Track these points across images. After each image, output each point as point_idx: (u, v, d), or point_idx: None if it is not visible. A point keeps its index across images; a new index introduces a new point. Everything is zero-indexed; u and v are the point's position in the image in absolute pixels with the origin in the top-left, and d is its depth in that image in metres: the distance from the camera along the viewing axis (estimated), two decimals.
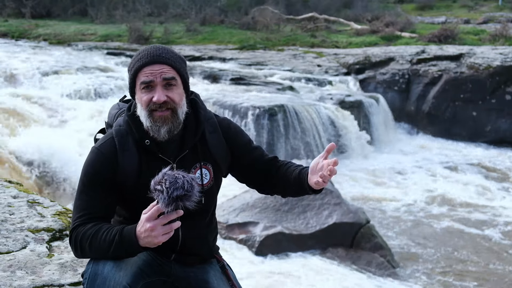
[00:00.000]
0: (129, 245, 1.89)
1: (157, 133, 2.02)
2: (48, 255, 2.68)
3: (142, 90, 2.03)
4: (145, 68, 2.03)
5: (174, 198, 1.79)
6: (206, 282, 2.12)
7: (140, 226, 1.86)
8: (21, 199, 3.39)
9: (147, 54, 2.05)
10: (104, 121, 2.34)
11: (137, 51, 2.13)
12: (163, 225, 1.82)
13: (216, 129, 2.17)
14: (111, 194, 2.03)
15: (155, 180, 1.83)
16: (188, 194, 1.81)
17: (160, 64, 2.03)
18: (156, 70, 2.02)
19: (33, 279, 2.43)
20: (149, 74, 2.01)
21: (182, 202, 1.81)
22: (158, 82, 2.01)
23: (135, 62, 2.06)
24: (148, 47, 2.09)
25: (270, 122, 10.80)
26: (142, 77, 2.03)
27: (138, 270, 2.00)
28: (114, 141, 2.06)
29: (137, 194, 2.02)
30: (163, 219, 1.82)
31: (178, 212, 1.82)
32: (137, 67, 2.04)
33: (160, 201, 1.80)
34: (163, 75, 2.01)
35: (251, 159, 2.22)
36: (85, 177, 2.04)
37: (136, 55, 2.09)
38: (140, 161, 2.05)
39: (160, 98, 1.99)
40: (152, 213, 1.82)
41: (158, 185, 1.81)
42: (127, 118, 2.09)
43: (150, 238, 1.83)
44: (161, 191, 1.80)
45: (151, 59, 2.03)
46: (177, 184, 1.80)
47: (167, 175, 1.81)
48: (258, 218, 7.02)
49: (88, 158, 2.07)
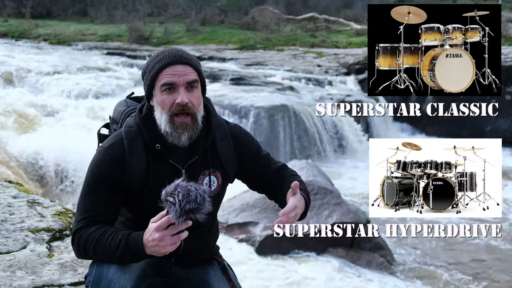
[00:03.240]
0: (135, 252, 1.88)
1: (178, 140, 1.97)
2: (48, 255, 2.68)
3: (163, 92, 1.96)
4: (167, 69, 1.96)
5: (186, 210, 1.77)
6: (206, 283, 2.11)
7: (147, 235, 1.84)
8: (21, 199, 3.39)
9: (168, 54, 1.98)
10: (109, 116, 2.29)
11: (153, 55, 2.05)
12: (171, 236, 1.81)
13: (226, 136, 2.14)
14: (116, 196, 2.00)
15: (167, 190, 1.80)
16: (200, 207, 1.79)
17: (182, 65, 1.97)
18: (179, 71, 1.96)
19: (33, 279, 2.43)
20: (171, 75, 1.95)
21: (193, 215, 1.79)
22: (181, 84, 1.95)
23: (155, 63, 1.98)
24: (167, 50, 2.02)
25: (270, 122, 10.80)
26: (164, 78, 1.95)
27: (141, 272, 2.00)
28: (123, 143, 2.01)
29: (143, 197, 2.00)
30: (172, 229, 1.80)
31: (187, 223, 1.80)
32: (158, 68, 1.97)
33: (172, 212, 1.78)
34: (186, 78, 1.96)
35: (259, 167, 2.20)
36: (91, 178, 2.00)
37: (153, 58, 2.01)
38: (148, 165, 2.01)
39: (184, 100, 1.93)
40: (162, 223, 1.80)
41: (170, 196, 1.79)
42: (138, 120, 2.04)
43: (158, 247, 1.82)
44: (173, 203, 1.77)
45: (173, 59, 1.97)
46: (190, 197, 1.77)
47: (180, 187, 1.79)
48: (258, 218, 7.02)
49: (95, 158, 2.03)
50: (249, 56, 16.99)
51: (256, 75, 14.19)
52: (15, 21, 24.92)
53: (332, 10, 24.72)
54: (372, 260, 6.66)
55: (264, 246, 6.72)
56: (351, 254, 6.71)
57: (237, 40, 19.63)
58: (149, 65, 2.01)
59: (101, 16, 24.74)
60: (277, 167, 2.23)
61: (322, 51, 17.25)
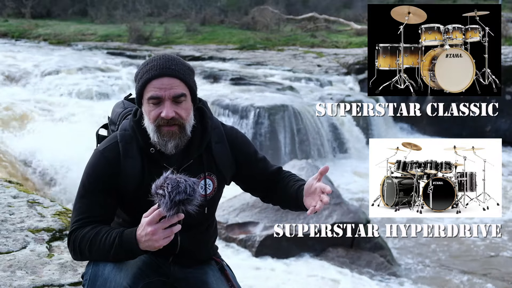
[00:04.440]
0: (129, 248, 1.88)
1: (164, 148, 1.99)
2: (48, 255, 2.68)
3: (150, 104, 1.97)
4: (154, 81, 1.96)
5: (176, 202, 1.78)
6: (205, 283, 2.11)
7: (140, 230, 1.85)
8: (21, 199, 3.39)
9: (156, 65, 1.97)
10: (107, 116, 2.30)
11: (146, 60, 2.05)
12: (164, 229, 1.81)
13: (222, 139, 2.14)
14: (111, 198, 2.02)
15: (156, 184, 1.81)
16: (190, 198, 1.79)
17: (169, 78, 1.96)
18: (165, 85, 1.95)
19: (33, 279, 2.43)
20: (157, 89, 1.95)
21: (184, 206, 1.79)
22: (166, 98, 1.95)
23: (143, 73, 1.99)
24: (157, 57, 2.01)
25: (270, 122, 10.80)
26: (151, 91, 1.96)
27: (138, 270, 2.00)
28: (118, 146, 2.03)
29: (138, 200, 2.01)
30: (165, 223, 1.81)
31: (179, 215, 1.81)
32: (145, 79, 1.97)
33: (162, 205, 1.79)
34: (172, 93, 1.95)
35: (255, 170, 2.21)
36: (87, 180, 2.02)
37: (144, 65, 2.01)
38: (143, 168, 2.02)
39: (169, 114, 1.94)
40: (153, 217, 1.81)
41: (159, 189, 1.79)
42: (132, 124, 2.05)
43: (151, 242, 1.83)
44: (163, 195, 1.78)
45: (160, 71, 1.96)
46: (179, 189, 1.78)
47: (169, 179, 1.80)
48: (258, 218, 7.02)
49: (91, 161, 2.04)
50: (249, 56, 16.99)
51: (256, 75, 14.19)
52: (15, 21, 24.92)
53: (332, 10, 24.72)
54: (372, 260, 6.66)
55: (264, 246, 6.72)
56: (351, 254, 6.71)
57: (237, 40, 19.64)
58: (139, 73, 2.01)
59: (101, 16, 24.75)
60: (273, 170, 2.24)
61: (322, 51, 17.25)
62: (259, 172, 2.21)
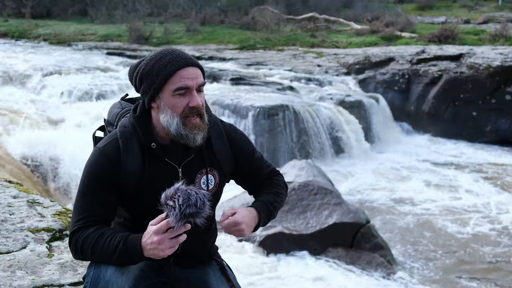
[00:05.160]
0: (133, 254, 1.88)
1: (193, 141, 1.97)
2: (48, 255, 2.68)
3: (176, 96, 1.93)
4: (180, 71, 1.93)
5: (186, 215, 1.77)
6: (205, 283, 2.11)
7: (146, 238, 1.84)
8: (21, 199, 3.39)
9: (176, 57, 1.95)
10: (103, 118, 2.28)
11: (152, 55, 1.99)
12: (170, 239, 1.81)
13: (221, 135, 2.14)
14: (112, 196, 2.00)
15: (166, 194, 1.80)
16: (200, 211, 1.79)
17: (194, 67, 1.96)
18: (192, 74, 1.94)
19: (33, 279, 2.43)
20: (186, 79, 1.93)
21: (193, 219, 1.79)
22: (194, 87, 1.94)
23: (163, 66, 1.94)
24: (170, 51, 1.98)
25: (270, 122, 10.80)
26: (178, 82, 1.93)
27: (140, 272, 2.00)
28: (118, 142, 2.01)
29: (139, 196, 2.00)
30: (172, 233, 1.80)
31: (186, 226, 1.80)
32: (169, 71, 1.93)
33: (172, 216, 1.78)
34: (199, 82, 1.96)
35: (252, 169, 2.22)
36: (87, 178, 2.00)
37: (157, 60, 1.96)
38: (143, 164, 2.01)
39: (199, 103, 1.94)
40: (161, 226, 1.80)
41: (170, 200, 1.78)
42: (132, 119, 2.03)
43: (156, 251, 1.82)
44: (173, 207, 1.77)
45: (185, 61, 1.94)
46: (190, 202, 1.77)
47: (180, 191, 1.79)
48: None
49: (90, 159, 2.03)
50: (249, 56, 16.99)
51: (256, 75, 14.19)
52: (15, 21, 24.93)
53: (332, 10, 24.73)
54: (372, 260, 6.66)
55: (264, 246, 6.72)
56: (351, 254, 6.71)
57: (237, 40, 19.64)
58: (153, 67, 1.96)
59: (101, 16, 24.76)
60: (264, 174, 2.25)
61: (322, 51, 17.25)
62: (255, 170, 2.23)
